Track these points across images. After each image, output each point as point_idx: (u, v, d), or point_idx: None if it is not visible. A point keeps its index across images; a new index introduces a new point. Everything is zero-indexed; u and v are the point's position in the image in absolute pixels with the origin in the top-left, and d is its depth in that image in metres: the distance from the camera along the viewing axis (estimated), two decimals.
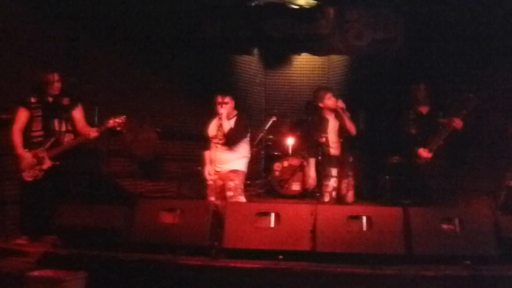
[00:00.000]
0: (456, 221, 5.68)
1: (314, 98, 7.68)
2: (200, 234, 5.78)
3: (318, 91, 7.77)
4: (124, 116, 6.71)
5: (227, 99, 7.02)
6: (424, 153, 7.23)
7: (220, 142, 7.01)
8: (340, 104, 7.34)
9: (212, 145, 7.11)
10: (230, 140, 6.95)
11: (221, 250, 5.67)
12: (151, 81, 9.52)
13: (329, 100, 7.44)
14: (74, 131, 6.74)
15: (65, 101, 6.75)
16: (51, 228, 6.20)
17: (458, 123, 7.10)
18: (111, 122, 6.66)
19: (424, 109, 7.46)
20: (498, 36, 8.10)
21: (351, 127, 7.34)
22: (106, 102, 8.39)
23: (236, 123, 7.01)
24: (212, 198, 7.03)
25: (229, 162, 7.00)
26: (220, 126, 7.00)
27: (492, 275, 5.24)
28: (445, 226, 5.70)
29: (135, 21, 8.99)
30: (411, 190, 7.60)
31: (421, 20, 9.09)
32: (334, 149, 7.42)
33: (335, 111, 7.42)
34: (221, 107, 6.98)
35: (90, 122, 7.06)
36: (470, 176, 8.22)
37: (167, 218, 5.97)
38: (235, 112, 7.12)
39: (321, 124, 7.45)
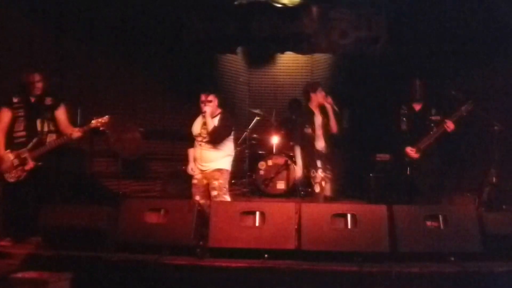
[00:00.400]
0: (441, 218, 5.71)
1: (306, 88, 7.85)
2: (185, 233, 5.77)
3: (312, 83, 8.29)
4: (108, 116, 6.67)
5: (211, 97, 7.01)
6: (411, 152, 7.26)
7: (204, 140, 7.00)
8: (329, 99, 7.56)
9: (197, 143, 7.10)
10: (214, 138, 6.94)
11: (206, 250, 5.67)
12: (135, 81, 9.49)
13: (320, 93, 7.60)
14: (57, 131, 6.69)
15: (48, 101, 6.70)
16: (35, 229, 6.15)
17: (450, 125, 7.13)
18: (95, 123, 6.62)
19: (417, 106, 7.49)
20: (483, 35, 8.16)
21: (334, 125, 7.53)
22: (90, 102, 8.38)
23: (220, 121, 7.01)
24: (197, 197, 7.01)
25: (214, 160, 6.99)
26: (204, 124, 6.99)
27: (476, 271, 5.27)
28: (429, 223, 5.73)
29: (119, 21, 8.96)
30: (396, 187, 7.63)
31: (404, 18, 9.12)
32: (318, 142, 7.54)
33: (321, 106, 7.55)
34: (205, 105, 6.97)
35: (73, 122, 7.01)
36: (454, 173, 8.27)
37: (152, 218, 5.95)
38: (219, 110, 7.11)
39: (308, 116, 7.58)
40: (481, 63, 8.30)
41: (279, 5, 9.38)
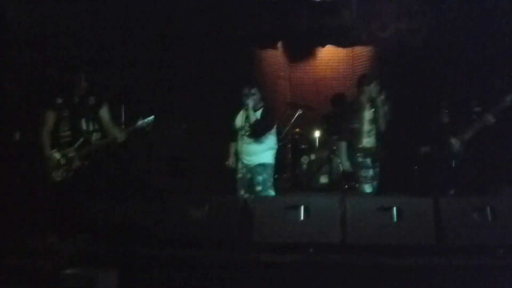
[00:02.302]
0: (488, 210, 5.62)
1: (361, 80, 7.50)
2: (230, 228, 5.81)
3: (367, 76, 7.77)
4: (153, 117, 6.70)
5: (254, 91, 7.02)
6: (456, 144, 7.15)
7: (247, 133, 7.01)
8: (383, 96, 7.26)
9: (239, 137, 7.12)
10: (257, 131, 6.95)
11: (251, 244, 5.69)
12: (176, 78, 9.55)
13: (375, 87, 7.29)
14: (102, 130, 6.78)
15: (92, 100, 6.78)
16: (82, 226, 6.25)
17: (490, 119, 7.02)
18: (140, 124, 6.67)
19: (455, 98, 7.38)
20: None
21: (382, 122, 7.27)
22: (133, 100, 8.45)
23: (263, 114, 7.02)
24: (242, 192, 7.05)
25: (256, 154, 6.99)
26: (246, 117, 7.00)
27: None
28: (477, 216, 5.64)
29: (160, 19, 9.03)
30: (441, 180, 7.54)
31: (446, 9, 8.99)
32: (366, 139, 7.31)
33: (372, 101, 7.31)
34: (248, 98, 6.99)
35: (117, 121, 7.09)
36: (501, 165, 8.13)
37: (197, 213, 5.99)
38: (261, 104, 7.12)
39: (357, 111, 7.33)
40: None
41: None
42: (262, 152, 7.04)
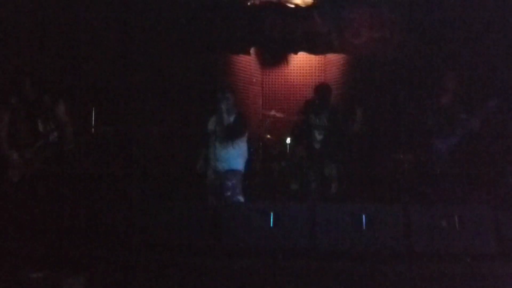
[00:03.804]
0: (456, 218, 5.67)
1: (329, 88, 7.95)
2: (199, 234, 5.78)
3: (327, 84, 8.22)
4: (114, 127, 6.64)
5: (227, 95, 7.03)
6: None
7: (219, 138, 7.01)
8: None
9: (211, 141, 7.10)
10: (230, 136, 6.96)
11: (220, 250, 5.66)
12: (149, 81, 9.49)
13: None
14: (59, 128, 6.67)
15: (47, 99, 6.67)
16: (47, 230, 6.16)
17: (476, 124, 7.06)
18: (106, 128, 6.61)
19: (444, 100, 7.40)
20: (498, 35, 8.10)
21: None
22: (104, 102, 8.38)
23: (236, 119, 7.03)
24: (212, 198, 7.03)
25: (227, 160, 7.00)
26: (219, 122, 7.00)
27: (492, 272, 5.25)
28: (445, 224, 5.69)
29: (133, 21, 8.98)
30: (412, 187, 7.60)
31: (418, 18, 9.08)
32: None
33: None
34: (222, 102, 6.98)
35: (87, 123, 7.02)
36: (470, 173, 8.21)
37: (167, 218, 5.95)
38: (235, 108, 7.13)
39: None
40: (494, 62, 8.24)
41: (292, 5, 9.38)
42: (232, 158, 7.04)
